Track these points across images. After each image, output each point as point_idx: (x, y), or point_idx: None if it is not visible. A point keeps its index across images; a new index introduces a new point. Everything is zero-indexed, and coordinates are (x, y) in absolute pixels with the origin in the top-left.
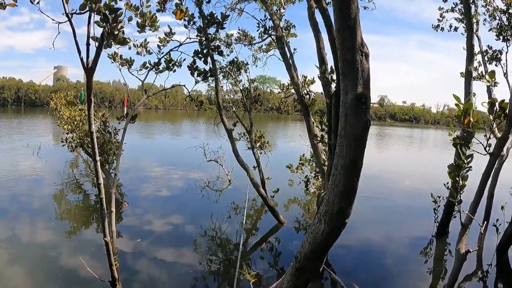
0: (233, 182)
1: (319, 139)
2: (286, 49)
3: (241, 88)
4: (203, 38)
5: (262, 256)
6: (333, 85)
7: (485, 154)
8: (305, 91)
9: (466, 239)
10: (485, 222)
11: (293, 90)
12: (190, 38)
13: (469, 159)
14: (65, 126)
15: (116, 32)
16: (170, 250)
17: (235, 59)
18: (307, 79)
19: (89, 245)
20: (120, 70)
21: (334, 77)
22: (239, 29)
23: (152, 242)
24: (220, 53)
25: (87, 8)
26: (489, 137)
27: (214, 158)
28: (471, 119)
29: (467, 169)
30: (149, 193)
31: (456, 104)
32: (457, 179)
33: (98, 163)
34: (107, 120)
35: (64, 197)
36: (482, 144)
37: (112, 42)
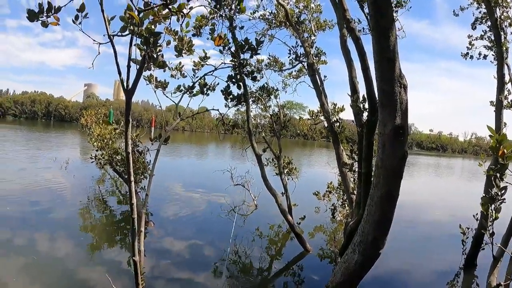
0: (259, 207)
1: (348, 167)
2: (316, 76)
3: (271, 114)
4: (237, 63)
5: (285, 282)
6: (365, 113)
7: None
8: (335, 118)
9: (497, 272)
10: None
11: (322, 117)
12: (225, 63)
13: (503, 191)
14: (94, 143)
15: (155, 56)
16: (191, 272)
17: (265, 84)
18: (336, 107)
19: (113, 262)
20: (155, 92)
21: (367, 105)
22: (269, 55)
23: (174, 263)
24: (254, 79)
25: (128, 31)
26: None
27: (241, 182)
28: (505, 151)
29: (500, 201)
30: (174, 214)
31: (489, 135)
32: (490, 211)
33: (133, 183)
34: (139, 140)
35: (89, 212)
36: None
37: (152, 65)
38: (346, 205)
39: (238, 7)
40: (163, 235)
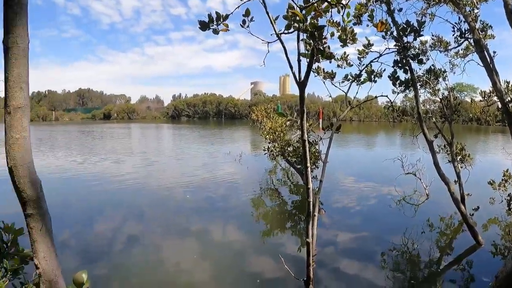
0: (431, 196)
1: None
2: (485, 52)
3: (440, 98)
4: (401, 47)
5: (454, 276)
6: None
7: None
8: (509, 98)
9: None
10: None
11: (495, 98)
12: (389, 48)
13: None
14: (267, 136)
15: (322, 48)
16: (357, 261)
17: (431, 67)
18: (510, 85)
19: (284, 246)
20: (324, 83)
21: None
22: (432, 35)
23: (341, 251)
24: (420, 61)
25: (293, 28)
26: None
27: (412, 171)
28: None
29: None
30: (344, 203)
31: None
32: None
33: (309, 169)
34: (312, 129)
35: (262, 201)
36: None
37: (320, 57)
38: None
39: None
40: (332, 223)
